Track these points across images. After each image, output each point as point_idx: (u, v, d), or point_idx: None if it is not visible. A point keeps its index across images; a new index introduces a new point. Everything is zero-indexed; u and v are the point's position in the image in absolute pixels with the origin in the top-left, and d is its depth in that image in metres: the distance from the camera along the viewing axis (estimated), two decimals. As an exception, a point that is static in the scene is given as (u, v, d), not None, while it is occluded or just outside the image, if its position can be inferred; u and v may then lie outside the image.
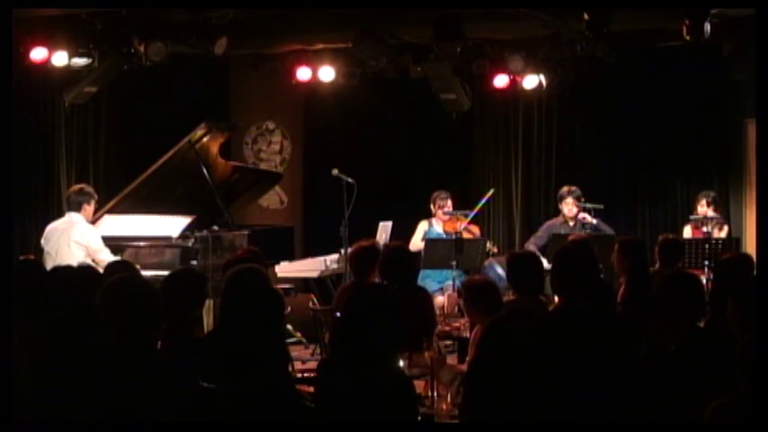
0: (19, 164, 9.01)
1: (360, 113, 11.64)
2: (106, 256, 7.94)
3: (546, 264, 6.56)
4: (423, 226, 9.95)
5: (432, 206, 9.93)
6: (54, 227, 8.21)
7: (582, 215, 9.82)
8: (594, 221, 9.68)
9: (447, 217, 9.85)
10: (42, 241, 8.23)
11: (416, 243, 9.63)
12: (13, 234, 8.54)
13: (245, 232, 8.89)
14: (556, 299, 5.60)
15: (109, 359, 3.93)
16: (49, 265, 7.84)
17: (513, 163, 11.70)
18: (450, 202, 9.91)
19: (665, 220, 11.12)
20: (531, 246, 9.72)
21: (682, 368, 4.28)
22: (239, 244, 8.53)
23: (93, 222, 8.37)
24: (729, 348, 3.72)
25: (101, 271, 5.73)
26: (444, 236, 9.69)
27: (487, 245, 9.70)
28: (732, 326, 4.23)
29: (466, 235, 9.58)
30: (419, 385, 4.63)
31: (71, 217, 8.17)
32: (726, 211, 10.47)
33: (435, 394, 4.72)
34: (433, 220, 9.96)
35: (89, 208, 8.23)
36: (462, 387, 4.28)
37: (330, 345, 5.85)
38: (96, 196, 8.37)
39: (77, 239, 8.01)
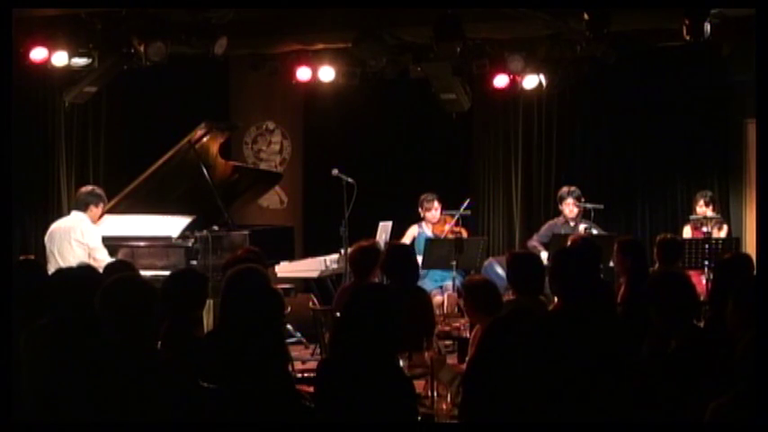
0: (19, 164, 9.01)
1: (360, 113, 11.64)
2: (104, 256, 7.94)
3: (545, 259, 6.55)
4: (412, 231, 9.93)
5: (419, 209, 9.90)
6: (57, 226, 8.23)
7: (582, 225, 9.80)
8: (594, 232, 9.61)
9: (435, 219, 9.85)
10: (46, 240, 8.24)
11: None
12: (12, 234, 8.55)
13: (245, 232, 8.89)
14: (555, 299, 5.60)
15: (109, 359, 3.93)
16: (52, 264, 7.91)
17: (513, 163, 11.70)
18: (436, 204, 9.85)
19: (665, 220, 11.12)
20: (534, 242, 9.74)
21: (682, 368, 4.28)
22: (239, 244, 8.52)
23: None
24: (729, 348, 3.72)
25: (99, 271, 5.72)
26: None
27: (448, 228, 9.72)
28: (732, 326, 4.23)
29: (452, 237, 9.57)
30: (419, 385, 4.63)
31: (75, 216, 8.19)
32: (726, 211, 10.48)
33: (435, 394, 4.72)
34: (423, 224, 9.94)
35: (95, 210, 8.22)
36: (462, 387, 4.28)
37: (330, 345, 5.85)
38: (106, 200, 8.35)
39: (78, 238, 8.02)
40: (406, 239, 9.79)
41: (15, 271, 4.93)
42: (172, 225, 8.56)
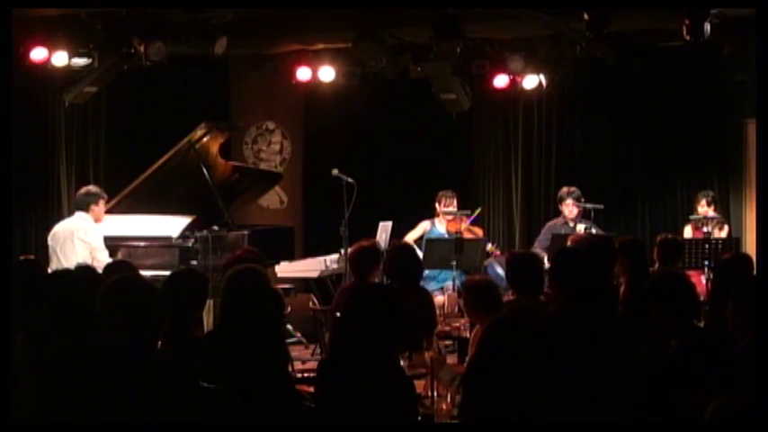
0: (19, 164, 9.01)
1: (360, 113, 11.64)
2: (105, 257, 7.95)
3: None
4: (424, 225, 9.92)
5: (437, 204, 9.90)
6: (61, 226, 8.25)
7: (581, 225, 9.79)
8: (594, 232, 9.60)
9: (451, 216, 9.83)
10: (49, 240, 8.25)
11: (409, 239, 9.69)
12: (12, 234, 8.55)
13: (245, 232, 8.89)
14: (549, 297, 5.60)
15: (109, 359, 3.93)
16: (53, 262, 7.95)
17: (513, 163, 11.71)
18: (455, 202, 9.88)
19: (665, 220, 11.12)
20: (537, 250, 9.69)
21: (682, 368, 4.28)
22: (239, 244, 8.52)
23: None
24: (729, 348, 3.72)
25: (99, 271, 5.72)
26: (447, 235, 9.66)
27: (489, 246, 9.69)
28: (732, 326, 4.23)
29: (467, 235, 9.57)
30: (419, 385, 4.63)
31: (78, 216, 8.21)
32: (726, 211, 10.47)
33: (435, 394, 4.72)
34: (436, 220, 9.94)
35: (97, 208, 8.23)
36: (462, 387, 4.28)
37: (330, 345, 5.86)
38: (105, 196, 8.36)
39: (82, 237, 8.04)
40: (417, 232, 9.83)
41: (15, 271, 4.94)
42: (172, 225, 8.56)
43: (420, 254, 9.03)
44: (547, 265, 6.05)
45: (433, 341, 5.63)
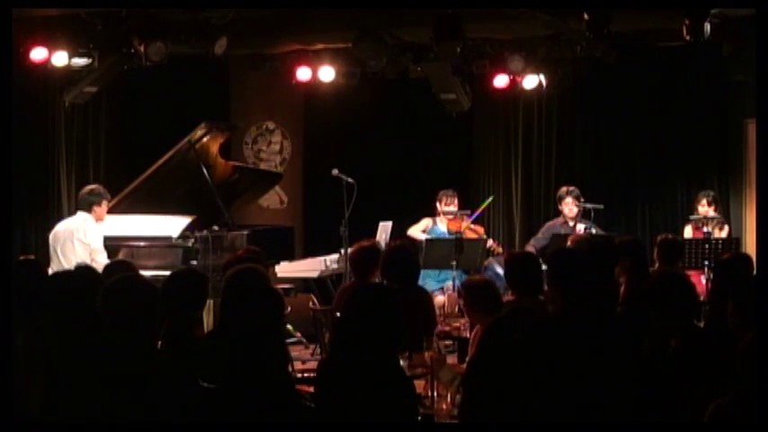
0: (19, 164, 9.01)
1: (360, 113, 11.64)
2: (103, 259, 7.92)
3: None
4: (426, 222, 9.95)
5: (438, 204, 9.91)
6: (62, 226, 8.24)
7: (580, 225, 9.80)
8: (594, 232, 9.61)
9: (451, 216, 9.84)
10: (51, 239, 8.24)
11: (414, 231, 9.71)
12: (12, 234, 8.55)
13: (245, 232, 8.89)
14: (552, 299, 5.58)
15: (109, 359, 3.93)
16: (54, 263, 7.92)
17: (513, 163, 11.71)
18: (456, 201, 9.89)
19: (665, 220, 11.12)
20: (530, 248, 9.71)
21: (682, 368, 4.28)
22: (239, 244, 8.52)
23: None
24: (729, 348, 3.72)
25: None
26: (447, 235, 9.67)
27: (490, 243, 9.70)
28: (732, 326, 4.23)
29: (470, 234, 9.58)
30: (419, 385, 4.63)
31: (80, 216, 8.20)
32: (726, 211, 10.47)
33: (435, 394, 4.72)
34: (437, 219, 9.95)
35: (99, 209, 8.22)
36: (462, 387, 4.28)
37: (330, 345, 5.86)
38: (108, 196, 8.34)
39: (81, 238, 8.03)
40: (419, 228, 9.86)
41: (15, 271, 4.93)
42: (172, 225, 8.56)
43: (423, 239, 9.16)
44: (543, 266, 6.06)
45: (433, 341, 5.62)
